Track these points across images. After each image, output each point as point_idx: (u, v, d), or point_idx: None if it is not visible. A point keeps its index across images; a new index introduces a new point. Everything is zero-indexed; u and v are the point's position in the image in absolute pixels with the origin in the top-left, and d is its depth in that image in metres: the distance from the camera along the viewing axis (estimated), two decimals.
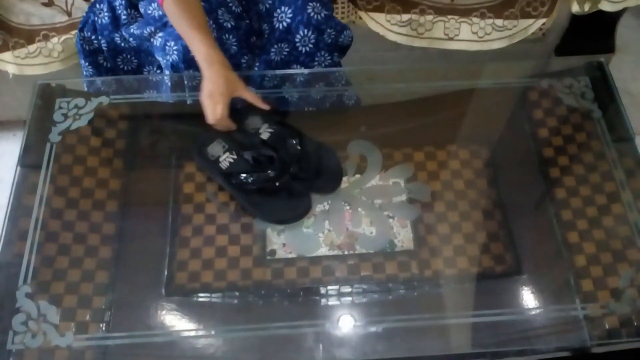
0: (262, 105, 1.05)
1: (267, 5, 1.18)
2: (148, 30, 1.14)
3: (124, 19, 1.19)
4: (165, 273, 0.98)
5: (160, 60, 1.16)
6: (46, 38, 1.39)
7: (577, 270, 0.98)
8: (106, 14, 1.21)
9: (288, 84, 1.21)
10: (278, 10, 1.17)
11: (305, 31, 1.19)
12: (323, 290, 0.98)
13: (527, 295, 0.99)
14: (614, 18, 1.53)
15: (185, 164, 1.10)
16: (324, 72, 1.23)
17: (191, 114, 1.12)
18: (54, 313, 0.92)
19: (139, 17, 1.19)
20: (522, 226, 1.04)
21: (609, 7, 1.39)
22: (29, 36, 1.39)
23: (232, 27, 1.15)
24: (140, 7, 1.17)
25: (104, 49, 1.25)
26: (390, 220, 1.04)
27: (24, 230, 0.99)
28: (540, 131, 1.15)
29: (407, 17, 1.41)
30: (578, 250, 1.00)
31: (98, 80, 1.25)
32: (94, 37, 1.25)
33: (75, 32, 1.33)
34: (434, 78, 1.28)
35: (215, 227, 1.03)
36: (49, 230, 1.00)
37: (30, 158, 1.08)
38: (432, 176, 1.09)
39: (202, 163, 1.06)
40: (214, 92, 1.00)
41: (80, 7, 1.38)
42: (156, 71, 1.26)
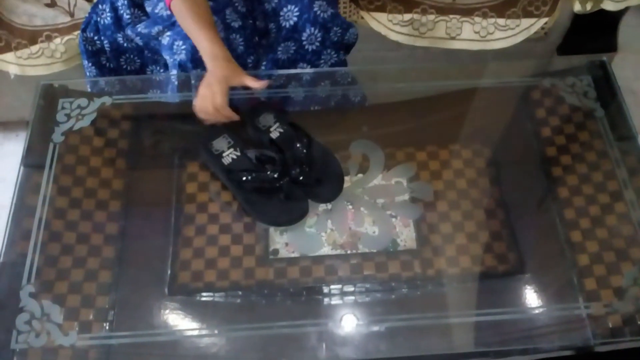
0: (257, 84, 1.02)
1: (273, 5, 1.18)
2: (156, 29, 1.14)
3: (127, 18, 1.19)
4: (169, 272, 0.99)
5: (168, 59, 1.16)
6: (49, 39, 1.40)
7: (580, 269, 0.98)
8: (108, 15, 1.21)
9: (294, 83, 1.21)
10: (284, 9, 1.17)
11: (312, 29, 1.19)
12: (326, 289, 0.98)
13: (530, 294, 0.99)
14: (617, 17, 1.52)
15: (188, 163, 1.10)
16: (326, 71, 1.23)
17: (194, 113, 1.12)
18: (57, 312, 0.92)
19: (142, 17, 1.20)
20: (525, 225, 1.04)
21: (611, 6, 1.39)
22: (31, 37, 1.40)
23: (239, 27, 1.16)
24: (147, 7, 1.17)
25: (107, 49, 1.25)
26: (393, 219, 1.04)
27: (27, 230, 0.99)
28: (542, 130, 1.15)
29: (409, 16, 1.41)
30: (581, 249, 1.00)
31: (101, 81, 1.26)
32: (96, 37, 1.25)
33: (77, 32, 1.34)
34: (436, 78, 1.28)
35: (218, 226, 1.03)
36: (53, 230, 1.00)
37: (34, 158, 1.08)
38: (435, 175, 1.09)
39: (206, 157, 1.06)
40: (211, 81, 1.01)
41: (83, 8, 1.38)
42: (160, 70, 1.26)
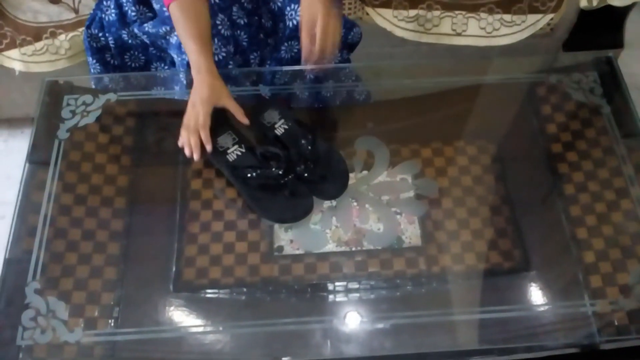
0: (242, 119, 1.04)
1: (279, 4, 1.18)
2: (164, 29, 1.14)
3: (133, 15, 1.19)
4: (173, 269, 0.99)
5: (176, 58, 1.16)
6: (53, 35, 1.40)
7: (586, 267, 0.98)
8: (113, 11, 1.21)
9: (299, 81, 1.20)
10: (288, 8, 1.17)
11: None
12: (330, 286, 0.98)
13: (536, 291, 0.98)
14: (623, 13, 1.51)
15: (192, 160, 1.10)
16: (331, 68, 1.23)
17: None
18: (62, 309, 0.92)
19: (147, 13, 1.19)
20: (530, 222, 1.04)
21: (617, 2, 1.38)
22: (36, 33, 1.40)
23: (244, 24, 1.15)
24: (155, 4, 1.17)
25: (112, 46, 1.25)
26: (398, 216, 1.04)
27: (32, 226, 0.99)
28: (548, 127, 1.15)
29: (415, 12, 1.41)
30: (587, 246, 0.99)
31: (105, 78, 1.26)
32: (101, 34, 1.25)
33: (82, 29, 1.34)
34: (441, 74, 1.27)
35: (222, 223, 1.03)
36: (58, 227, 1.00)
37: (39, 155, 1.08)
38: (440, 172, 1.09)
39: (211, 153, 1.06)
40: (195, 100, 1.01)
41: (88, 4, 1.38)
42: (165, 68, 1.26)
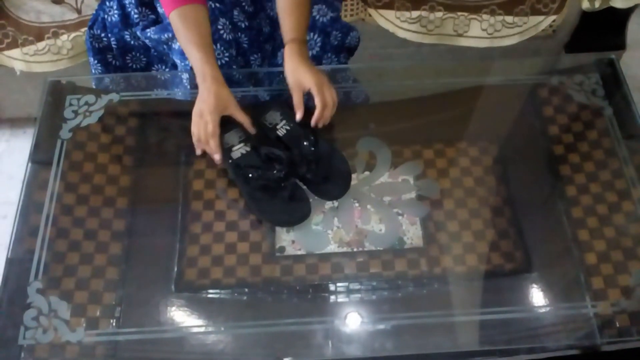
0: (250, 129, 1.04)
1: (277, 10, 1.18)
2: (166, 36, 1.14)
3: (135, 17, 1.19)
4: (175, 269, 0.99)
5: (179, 64, 1.16)
6: (55, 35, 1.40)
7: (588, 268, 0.98)
8: (116, 12, 1.21)
9: None
10: None
11: (311, 34, 1.19)
12: (332, 287, 0.98)
13: (537, 292, 0.98)
14: (625, 15, 1.51)
15: (194, 160, 1.10)
16: (330, 69, 1.23)
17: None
18: (64, 309, 0.92)
19: (150, 15, 1.19)
20: (532, 224, 1.04)
21: (619, 4, 1.38)
22: (38, 33, 1.40)
23: (245, 27, 1.15)
24: (159, 8, 1.17)
25: (114, 46, 1.25)
26: (400, 217, 1.04)
27: (35, 226, 1.00)
28: (550, 128, 1.15)
29: (417, 13, 1.41)
30: (588, 248, 0.99)
31: (107, 78, 1.26)
32: (103, 34, 1.25)
33: (84, 29, 1.34)
34: (443, 75, 1.27)
35: (224, 223, 1.03)
36: (60, 227, 1.00)
37: (41, 155, 1.08)
38: (442, 173, 1.09)
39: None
40: (203, 110, 1.00)
41: (90, 5, 1.38)
42: (165, 69, 1.26)
